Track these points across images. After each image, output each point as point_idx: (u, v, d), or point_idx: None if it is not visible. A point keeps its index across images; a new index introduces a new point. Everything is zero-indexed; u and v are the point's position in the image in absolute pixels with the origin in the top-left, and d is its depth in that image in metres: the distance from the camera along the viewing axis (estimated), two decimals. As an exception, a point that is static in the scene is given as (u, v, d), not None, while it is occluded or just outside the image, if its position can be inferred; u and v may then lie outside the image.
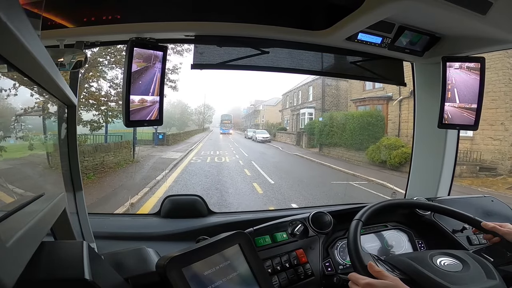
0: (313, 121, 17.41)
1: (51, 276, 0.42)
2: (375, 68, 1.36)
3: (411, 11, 0.95)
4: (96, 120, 8.53)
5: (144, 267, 0.70)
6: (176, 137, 18.77)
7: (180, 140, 19.18)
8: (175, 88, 10.54)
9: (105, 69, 8.72)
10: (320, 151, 14.88)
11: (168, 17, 0.98)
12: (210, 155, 13.74)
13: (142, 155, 11.41)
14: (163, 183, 7.59)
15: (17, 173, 4.55)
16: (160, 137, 15.97)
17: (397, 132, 11.36)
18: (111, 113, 8.97)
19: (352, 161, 12.07)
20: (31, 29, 0.36)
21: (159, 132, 16.08)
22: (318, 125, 15.25)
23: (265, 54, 1.18)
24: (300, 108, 20.29)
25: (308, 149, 16.15)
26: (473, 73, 1.21)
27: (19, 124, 5.93)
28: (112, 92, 8.93)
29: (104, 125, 9.30)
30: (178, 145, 16.53)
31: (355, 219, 0.88)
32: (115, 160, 8.78)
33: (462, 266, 0.76)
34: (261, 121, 32.23)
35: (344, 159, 12.61)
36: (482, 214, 1.20)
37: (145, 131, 15.72)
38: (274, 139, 21.70)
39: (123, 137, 10.86)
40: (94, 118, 8.49)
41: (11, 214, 0.41)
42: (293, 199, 6.69)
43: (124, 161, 9.27)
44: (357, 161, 11.82)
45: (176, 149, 14.51)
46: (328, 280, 0.96)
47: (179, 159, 11.43)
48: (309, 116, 18.84)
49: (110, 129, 11.17)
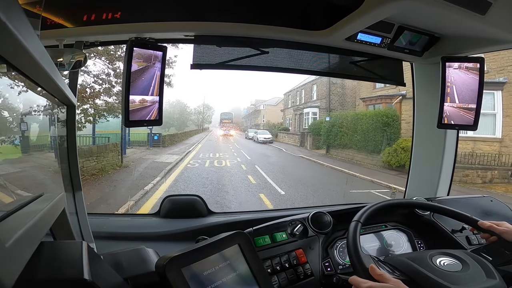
0: (319, 121, 16.67)
1: (50, 276, 0.42)
2: (375, 68, 1.36)
3: (411, 11, 0.95)
4: (78, 120, 7.14)
5: (143, 267, 0.70)
6: (173, 138, 17.78)
7: (178, 141, 18.30)
8: (169, 84, 9.98)
9: (89, 62, 7.79)
10: (327, 153, 13.91)
11: (167, 17, 0.98)
12: (209, 158, 12.47)
13: (133, 159, 10.56)
14: (152, 194, 6.47)
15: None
16: (156, 138, 14.98)
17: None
18: (96, 111, 8.42)
19: (364, 164, 11.06)
20: (30, 29, 0.36)
21: (154, 133, 15.05)
22: (325, 125, 14.25)
23: (264, 54, 1.18)
24: (304, 107, 19.65)
25: (314, 150, 15.26)
26: (473, 73, 1.21)
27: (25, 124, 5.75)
28: (97, 88, 8.33)
29: (86, 126, 8.57)
30: (175, 147, 15.53)
31: (353, 220, 0.87)
32: (99, 165, 7.87)
33: (461, 266, 0.76)
34: (261, 121, 31.37)
35: (355, 162, 11.65)
36: (481, 214, 1.20)
37: (139, 131, 14.97)
38: (276, 140, 21.02)
39: (110, 139, 10.11)
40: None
41: (10, 214, 0.41)
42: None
43: (110, 166, 8.33)
44: (370, 164, 10.83)
45: (172, 151, 13.45)
46: (327, 280, 0.96)
47: (175, 163, 10.32)
48: (313, 115, 18.25)
49: (99, 129, 10.67)
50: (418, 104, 1.50)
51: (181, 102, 37.51)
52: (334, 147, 13.52)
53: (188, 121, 36.83)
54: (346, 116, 13.19)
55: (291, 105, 22.94)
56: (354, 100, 16.20)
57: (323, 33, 1.07)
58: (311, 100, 19.29)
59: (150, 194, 6.47)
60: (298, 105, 21.13)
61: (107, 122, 9.92)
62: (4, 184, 0.71)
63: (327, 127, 13.93)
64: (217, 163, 11.07)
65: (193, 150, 15.06)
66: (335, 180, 8.92)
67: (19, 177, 1.02)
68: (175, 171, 9.20)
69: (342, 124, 12.95)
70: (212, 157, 12.78)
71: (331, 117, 14.62)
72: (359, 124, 11.90)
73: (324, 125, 14.42)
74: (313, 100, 18.98)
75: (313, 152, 14.79)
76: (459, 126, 1.26)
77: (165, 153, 12.77)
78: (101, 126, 10.61)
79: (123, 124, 1.01)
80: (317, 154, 14.14)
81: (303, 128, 18.68)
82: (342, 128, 12.89)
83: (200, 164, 10.79)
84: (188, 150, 14.34)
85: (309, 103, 19.37)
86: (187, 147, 16.00)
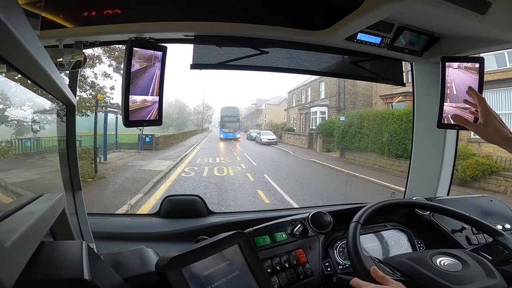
0: (328, 120, 15.49)
1: (50, 276, 0.42)
2: (375, 68, 1.37)
3: (410, 11, 0.95)
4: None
5: (143, 267, 0.70)
6: (168, 139, 15.85)
7: (174, 143, 16.46)
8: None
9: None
10: (341, 157, 12.26)
11: (167, 17, 0.98)
12: (208, 164, 10.63)
13: (115, 166, 8.78)
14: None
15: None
16: (147, 140, 13.23)
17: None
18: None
19: (390, 171, 9.50)
20: (30, 29, 0.36)
21: (146, 134, 13.19)
22: (339, 126, 12.75)
23: (264, 54, 1.18)
24: (310, 106, 18.38)
25: (324, 153, 13.80)
26: (473, 73, 1.21)
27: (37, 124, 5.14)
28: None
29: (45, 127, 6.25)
30: (169, 150, 13.81)
31: (353, 221, 0.87)
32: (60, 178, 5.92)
33: (461, 266, 0.76)
34: (263, 121, 29.97)
35: (378, 168, 10.06)
36: (481, 214, 1.20)
37: (130, 132, 13.10)
38: (281, 141, 19.85)
39: (82, 142, 8.43)
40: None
41: (10, 214, 0.41)
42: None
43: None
44: (397, 171, 9.26)
45: (165, 155, 11.75)
46: (327, 280, 0.96)
47: (167, 171, 8.49)
48: (321, 115, 17.05)
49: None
50: (418, 104, 1.50)
51: (180, 101, 37.09)
52: (349, 150, 12.02)
53: (188, 121, 36.55)
54: (368, 115, 11.42)
55: (296, 104, 21.78)
56: (366, 98, 15.29)
57: (323, 33, 1.07)
58: (318, 99, 18.15)
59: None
60: (304, 104, 20.13)
61: (78, 121, 8.75)
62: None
63: (342, 127, 12.42)
64: (218, 171, 9.26)
65: (190, 153, 13.41)
66: (369, 194, 7.05)
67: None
68: (165, 183, 7.34)
69: (362, 125, 11.31)
70: (211, 162, 11.01)
71: (346, 116, 13.16)
72: (384, 124, 10.20)
73: (338, 126, 12.92)
74: (321, 99, 17.84)
75: (324, 156, 13.28)
76: (459, 126, 1.26)
77: (157, 158, 11.03)
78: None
79: (122, 124, 1.01)
80: (330, 157, 12.57)
81: (310, 129, 17.55)
82: (362, 129, 11.22)
83: (197, 173, 8.89)
84: (184, 154, 12.61)
85: (316, 102, 18.15)
86: (184, 149, 14.27)
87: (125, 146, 12.98)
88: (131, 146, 13.08)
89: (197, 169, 9.58)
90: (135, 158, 10.63)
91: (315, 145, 15.17)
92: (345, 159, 11.94)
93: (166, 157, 11.34)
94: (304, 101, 20.63)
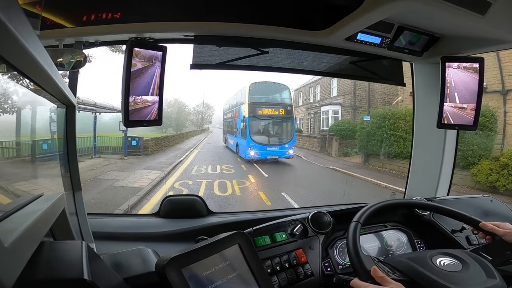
0: (347, 121, 13.75)
1: (50, 276, 0.42)
2: (375, 68, 1.37)
3: (410, 11, 0.95)
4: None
5: (143, 267, 0.70)
6: (161, 142, 13.19)
7: (168, 146, 13.83)
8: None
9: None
10: (365, 163, 10.36)
11: (167, 17, 0.98)
12: (205, 175, 8.25)
13: (80, 179, 5.34)
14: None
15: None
16: (134, 143, 10.92)
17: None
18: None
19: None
20: (30, 29, 0.36)
21: (132, 137, 10.84)
22: (363, 127, 10.87)
23: (264, 54, 1.18)
24: (320, 105, 16.64)
25: (342, 158, 11.82)
26: (472, 73, 1.21)
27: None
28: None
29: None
30: (161, 155, 11.36)
31: (353, 221, 0.87)
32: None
33: (461, 266, 0.76)
34: None
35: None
36: (481, 214, 1.20)
37: (114, 134, 11.06)
38: None
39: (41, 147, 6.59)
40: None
41: (10, 214, 0.41)
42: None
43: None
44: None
45: (154, 163, 9.43)
46: (327, 280, 0.96)
47: (148, 189, 6.19)
48: (333, 114, 15.37)
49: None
50: (418, 104, 1.50)
51: (180, 101, 36.49)
52: (375, 155, 10.10)
53: (187, 122, 36.24)
54: (405, 114, 9.35)
55: (303, 103, 20.03)
56: (385, 96, 14.09)
57: (323, 33, 1.07)
58: (330, 97, 16.44)
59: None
60: (312, 103, 18.43)
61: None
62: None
63: (367, 129, 10.37)
64: (220, 189, 6.77)
65: (186, 159, 11.08)
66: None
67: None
68: (143, 208, 5.06)
69: (397, 126, 9.40)
70: (211, 173, 8.60)
71: (372, 116, 10.93)
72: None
73: (361, 127, 10.96)
74: (333, 97, 16.15)
75: (342, 161, 11.14)
76: (459, 126, 1.26)
77: (141, 167, 8.62)
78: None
79: (123, 124, 1.01)
80: (350, 163, 10.57)
81: (321, 130, 15.74)
82: (397, 131, 9.30)
83: (190, 190, 6.64)
84: (178, 161, 10.21)
85: (327, 100, 16.39)
86: (180, 154, 11.81)
87: (108, 151, 10.82)
88: (115, 150, 10.79)
89: (191, 184, 7.15)
90: (113, 168, 8.39)
91: (330, 149, 12.93)
92: (370, 165, 10.07)
93: (155, 165, 8.98)
94: (312, 99, 18.89)
